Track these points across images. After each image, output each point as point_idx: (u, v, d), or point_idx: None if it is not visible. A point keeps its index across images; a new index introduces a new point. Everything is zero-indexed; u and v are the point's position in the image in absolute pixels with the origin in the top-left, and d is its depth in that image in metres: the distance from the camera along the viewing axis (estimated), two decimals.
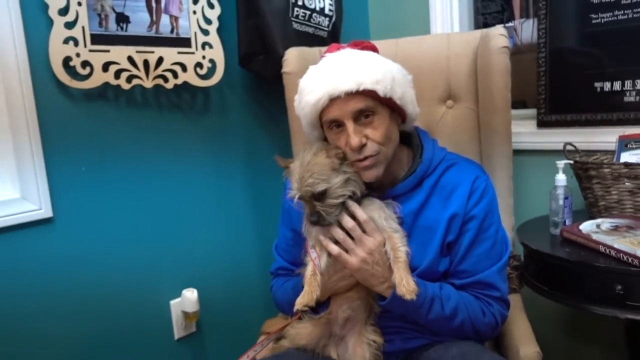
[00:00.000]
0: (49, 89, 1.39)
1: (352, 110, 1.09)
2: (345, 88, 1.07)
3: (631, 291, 1.24)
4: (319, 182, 1.06)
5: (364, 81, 1.07)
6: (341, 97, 1.08)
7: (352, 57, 1.13)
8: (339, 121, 1.11)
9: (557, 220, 1.52)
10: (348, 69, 1.09)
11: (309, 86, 1.13)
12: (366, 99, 1.10)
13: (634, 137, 1.58)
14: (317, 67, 1.15)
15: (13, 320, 1.36)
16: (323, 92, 1.09)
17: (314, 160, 1.08)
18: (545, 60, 1.88)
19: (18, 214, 1.35)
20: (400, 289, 1.07)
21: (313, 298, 1.10)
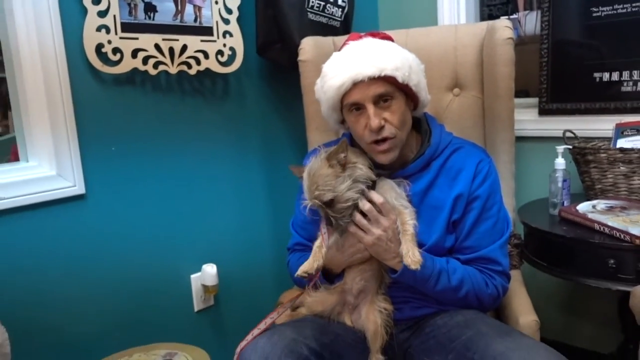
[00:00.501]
0: (83, 73, 1.49)
1: (374, 94, 1.19)
2: (368, 73, 1.16)
3: (623, 265, 1.35)
4: (324, 192, 1.15)
5: (385, 67, 1.17)
6: (364, 82, 1.17)
7: (374, 45, 1.22)
8: (360, 104, 1.21)
9: (555, 202, 1.63)
10: (371, 56, 1.18)
11: (332, 71, 1.22)
12: (386, 84, 1.19)
13: (630, 124, 1.68)
14: (340, 54, 1.24)
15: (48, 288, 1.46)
16: (347, 77, 1.18)
17: (318, 171, 1.17)
18: (547, 51, 1.97)
19: (54, 190, 1.45)
20: (406, 260, 1.15)
21: (314, 267, 1.19)
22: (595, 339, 1.97)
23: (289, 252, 1.51)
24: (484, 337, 1.17)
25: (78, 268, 1.52)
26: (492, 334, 1.17)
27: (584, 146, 1.68)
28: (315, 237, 1.28)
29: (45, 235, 1.45)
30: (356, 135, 1.26)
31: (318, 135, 1.78)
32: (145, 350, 1.51)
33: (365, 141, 1.23)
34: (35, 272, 1.44)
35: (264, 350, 1.11)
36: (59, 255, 1.48)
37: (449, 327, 1.26)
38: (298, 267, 1.40)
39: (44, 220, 1.45)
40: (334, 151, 1.17)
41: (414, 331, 1.33)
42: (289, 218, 1.56)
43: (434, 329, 1.29)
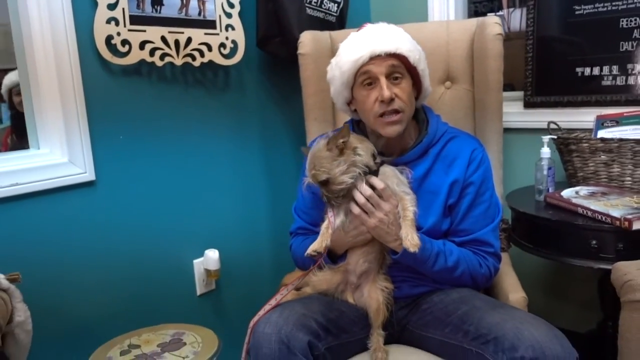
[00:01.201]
0: (93, 64, 1.54)
1: (387, 67, 1.29)
2: (385, 49, 1.27)
3: (604, 245, 1.46)
4: (320, 173, 1.24)
5: (400, 47, 1.29)
6: (380, 56, 1.28)
7: (391, 28, 1.34)
8: (374, 77, 1.30)
9: (541, 188, 1.73)
10: (388, 35, 1.31)
11: (350, 47, 1.32)
12: (399, 62, 1.30)
13: (609, 116, 1.79)
14: (358, 34, 1.35)
15: (60, 272, 1.52)
16: (366, 50, 1.28)
17: (318, 153, 1.26)
18: (532, 46, 2.08)
19: (66, 176, 1.51)
20: (406, 243, 1.24)
21: (322, 246, 1.27)
22: (576, 318, 2.09)
23: (292, 236, 1.58)
24: (478, 310, 1.26)
25: (88, 252, 1.58)
26: (486, 307, 1.27)
27: (567, 136, 1.78)
28: (319, 221, 1.36)
29: (56, 221, 1.51)
30: (365, 110, 1.34)
31: (316, 126, 1.86)
32: (154, 330, 1.58)
33: (374, 114, 1.32)
34: (47, 257, 1.49)
35: (277, 323, 1.19)
36: (71, 240, 1.54)
37: (445, 303, 1.35)
38: (302, 249, 1.47)
39: (55, 206, 1.50)
40: (335, 136, 1.25)
41: (412, 308, 1.42)
42: (287, 205, 1.63)
43: (430, 305, 1.38)
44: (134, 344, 1.50)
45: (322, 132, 1.76)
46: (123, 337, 1.54)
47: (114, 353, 1.45)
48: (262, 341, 1.17)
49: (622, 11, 1.87)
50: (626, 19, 1.86)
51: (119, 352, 1.45)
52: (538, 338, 1.11)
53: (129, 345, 1.49)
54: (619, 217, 1.41)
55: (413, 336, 1.40)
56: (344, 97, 1.40)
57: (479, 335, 1.20)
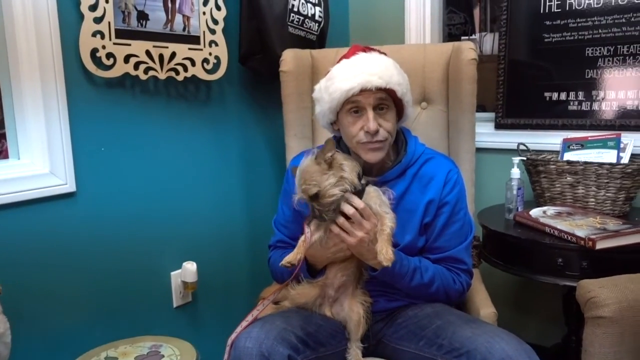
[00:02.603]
0: (78, 76, 1.55)
1: (376, 99, 1.34)
2: (376, 84, 1.32)
3: (569, 263, 1.54)
4: (310, 187, 1.26)
5: (390, 81, 1.34)
6: (370, 90, 1.32)
7: (382, 60, 1.39)
8: (361, 107, 1.35)
9: (511, 207, 1.81)
10: (380, 69, 1.35)
11: (342, 75, 1.36)
12: (387, 95, 1.35)
13: (575, 140, 1.89)
14: (350, 62, 1.38)
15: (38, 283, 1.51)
16: (357, 83, 1.32)
17: (307, 168, 1.29)
18: (504, 70, 2.17)
19: (47, 187, 1.50)
20: (380, 257, 1.26)
21: (297, 258, 1.31)
22: (542, 333, 2.17)
23: (270, 249, 1.61)
24: (452, 325, 1.32)
25: (67, 264, 1.57)
26: (459, 322, 1.32)
27: (535, 158, 1.87)
28: (299, 234, 1.39)
29: (36, 232, 1.50)
30: (349, 136, 1.39)
31: (296, 142, 1.90)
32: (131, 342, 1.58)
33: (357, 141, 1.37)
34: (25, 268, 1.48)
35: (259, 337, 1.21)
36: (50, 251, 1.53)
37: (420, 317, 1.40)
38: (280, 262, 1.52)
39: (35, 217, 1.49)
40: (322, 150, 1.29)
41: (387, 322, 1.46)
42: (266, 219, 1.66)
43: (405, 319, 1.43)
44: (111, 356, 1.50)
45: (302, 148, 1.81)
46: (100, 349, 1.54)
47: None
48: (243, 355, 1.19)
49: (587, 41, 1.98)
50: (591, 48, 1.97)
51: None
52: (508, 352, 1.16)
53: (105, 358, 1.49)
54: (584, 236, 1.49)
55: (388, 349, 1.44)
56: (329, 119, 1.44)
57: (452, 348, 1.25)
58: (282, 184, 1.59)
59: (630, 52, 1.91)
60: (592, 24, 1.97)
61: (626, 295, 1.31)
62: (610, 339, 1.30)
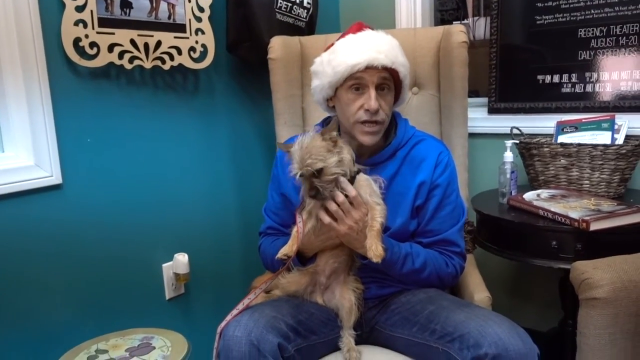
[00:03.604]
0: (61, 66, 1.52)
1: (380, 77, 1.32)
2: (383, 62, 1.30)
3: (563, 245, 1.52)
4: (316, 162, 1.23)
5: (396, 61, 1.33)
6: (376, 67, 1.30)
7: (388, 39, 1.37)
8: (364, 85, 1.32)
9: (504, 191, 1.79)
10: (387, 47, 1.33)
11: (348, 50, 1.33)
12: (390, 75, 1.34)
13: (569, 122, 1.87)
14: (357, 37, 1.36)
15: (25, 276, 1.49)
16: (364, 59, 1.29)
17: (312, 143, 1.25)
18: (496, 54, 2.15)
19: (32, 179, 1.48)
20: (369, 254, 1.26)
21: (293, 250, 1.29)
22: (538, 318, 2.16)
23: (261, 236, 1.60)
24: (444, 310, 1.30)
25: (55, 257, 1.55)
26: (452, 307, 1.30)
27: (529, 141, 1.85)
28: (289, 222, 1.39)
29: (22, 225, 1.48)
30: (347, 113, 1.36)
31: (286, 130, 1.88)
32: (122, 335, 1.56)
33: (356, 119, 1.34)
34: (11, 261, 1.46)
35: (247, 325, 1.20)
36: (36, 244, 1.51)
37: (413, 303, 1.39)
38: (271, 250, 1.49)
39: (20, 210, 1.47)
40: (328, 129, 1.27)
41: (380, 309, 1.45)
42: (257, 209, 1.64)
43: (398, 305, 1.41)
44: (101, 349, 1.48)
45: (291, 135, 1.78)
46: (90, 342, 1.52)
47: (81, 358, 1.43)
48: (232, 344, 1.18)
49: (580, 22, 1.95)
50: (584, 30, 1.95)
51: (86, 358, 1.43)
52: (501, 335, 1.15)
53: (96, 351, 1.47)
54: (578, 218, 1.47)
55: (381, 336, 1.42)
56: (326, 94, 1.41)
57: (444, 333, 1.24)
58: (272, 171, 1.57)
59: (624, 32, 1.88)
60: (585, 5, 1.94)
61: (620, 276, 1.29)
62: (605, 320, 1.28)
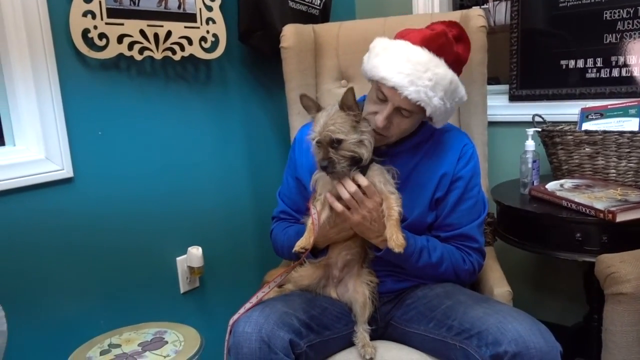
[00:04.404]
0: (70, 58, 1.50)
1: (400, 104, 1.24)
2: (412, 97, 1.21)
3: (588, 238, 1.46)
4: (339, 132, 1.20)
5: (427, 102, 1.22)
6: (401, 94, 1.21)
7: (441, 73, 1.23)
8: (385, 99, 1.25)
9: (526, 181, 1.72)
10: (427, 83, 1.21)
11: (386, 57, 1.24)
12: (415, 108, 1.25)
13: (594, 109, 1.79)
14: (403, 49, 1.24)
15: (38, 270, 1.48)
16: (393, 81, 1.21)
17: (339, 114, 1.22)
18: (517, 39, 2.07)
19: (43, 173, 1.47)
20: (390, 243, 1.22)
21: (310, 243, 1.24)
22: (562, 312, 2.09)
23: (274, 220, 1.58)
24: (462, 305, 1.25)
25: (67, 251, 1.54)
26: (470, 302, 1.26)
27: (551, 129, 1.78)
28: (302, 208, 1.38)
29: (34, 218, 1.47)
30: (366, 108, 1.31)
31: (299, 121, 1.84)
32: (135, 329, 1.55)
33: (368, 119, 1.29)
34: (24, 255, 1.45)
35: (258, 321, 1.17)
36: (48, 238, 1.50)
37: (429, 298, 1.34)
38: (283, 237, 1.48)
39: (32, 204, 1.46)
40: (343, 99, 1.22)
41: (396, 303, 1.41)
42: (272, 201, 1.62)
43: (414, 300, 1.37)
44: (114, 343, 1.47)
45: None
46: (103, 337, 1.51)
47: (94, 353, 1.42)
48: (242, 341, 1.15)
49: (605, 3, 1.87)
50: (609, 11, 1.86)
51: (99, 352, 1.42)
52: (521, 332, 1.10)
53: (109, 345, 1.46)
54: (603, 209, 1.40)
55: (397, 331, 1.39)
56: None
57: (462, 330, 1.20)
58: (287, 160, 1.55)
59: None
60: None
61: None
62: (632, 317, 1.23)
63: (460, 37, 1.30)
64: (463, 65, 1.32)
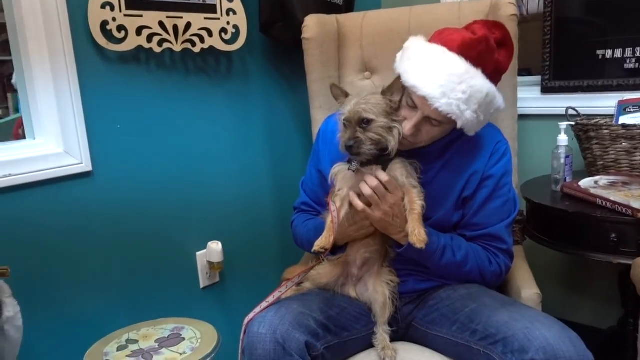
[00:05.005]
0: (88, 51, 1.49)
1: (430, 114, 1.17)
2: (443, 109, 1.14)
3: (624, 238, 1.38)
4: (370, 112, 1.16)
5: (460, 117, 1.15)
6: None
7: (473, 83, 1.15)
8: (415, 107, 1.18)
9: (558, 178, 1.64)
10: (457, 96, 1.13)
11: (418, 63, 1.17)
12: (445, 119, 1.18)
13: (632, 101, 1.69)
14: (437, 57, 1.16)
15: (57, 264, 1.48)
16: (424, 91, 1.14)
17: (375, 96, 1.19)
18: (550, 28, 1.98)
19: (62, 167, 1.46)
20: (412, 238, 1.17)
21: (330, 242, 1.20)
22: (596, 314, 2.00)
23: (295, 211, 1.55)
24: (487, 308, 1.19)
25: (86, 244, 1.54)
26: (496, 305, 1.20)
27: (586, 123, 1.69)
28: (323, 202, 1.34)
29: (53, 212, 1.46)
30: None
31: (321, 114, 1.79)
32: (153, 324, 1.54)
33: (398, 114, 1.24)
34: (44, 249, 1.45)
35: (272, 323, 1.13)
36: (68, 232, 1.49)
37: (453, 299, 1.29)
38: (302, 231, 1.46)
39: (51, 197, 1.46)
40: (389, 86, 1.19)
41: (418, 304, 1.36)
42: (293, 195, 1.58)
43: (437, 301, 1.31)
44: (132, 338, 1.46)
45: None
46: (122, 332, 1.50)
47: (111, 348, 1.41)
48: (257, 342, 1.12)
49: None
50: None
51: (116, 347, 1.41)
52: (550, 340, 1.04)
53: (127, 340, 1.45)
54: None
55: (418, 333, 1.34)
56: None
57: (487, 335, 1.14)
58: (309, 156, 1.52)
59: None
60: None
61: None
62: None
63: (503, 42, 1.21)
64: (503, 74, 1.24)
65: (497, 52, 1.19)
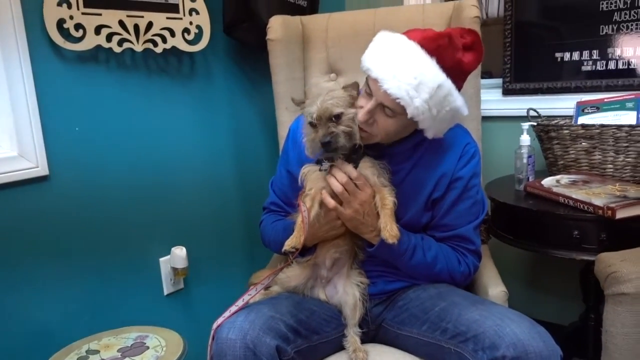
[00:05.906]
0: (44, 50, 1.42)
1: (383, 100, 1.16)
2: (392, 92, 1.13)
3: (586, 235, 1.41)
4: (337, 106, 1.17)
5: (410, 104, 1.13)
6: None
7: (432, 74, 1.14)
8: (372, 94, 1.18)
9: (521, 177, 1.67)
10: (408, 80, 1.12)
11: (376, 50, 1.20)
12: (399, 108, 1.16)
13: (590, 102, 1.74)
14: (393, 45, 1.18)
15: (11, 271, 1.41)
16: (380, 74, 1.14)
17: (337, 92, 1.20)
18: (510, 32, 2.02)
19: (16, 171, 1.39)
20: (384, 234, 1.17)
21: (300, 241, 1.19)
22: (558, 311, 2.04)
23: (264, 211, 1.53)
24: (457, 306, 1.20)
25: (42, 252, 1.47)
26: (466, 303, 1.20)
27: (547, 123, 1.73)
28: (292, 202, 1.33)
29: (7, 219, 1.39)
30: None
31: (287, 116, 1.78)
32: (115, 334, 1.48)
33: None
34: None
35: (242, 327, 1.10)
36: (22, 239, 1.42)
37: (422, 299, 1.29)
38: (271, 231, 1.44)
39: (5, 203, 1.39)
40: (350, 85, 1.22)
41: (388, 305, 1.35)
42: (259, 198, 1.57)
43: (407, 302, 1.31)
44: (92, 349, 1.40)
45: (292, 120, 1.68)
46: (82, 342, 1.44)
47: (71, 359, 1.35)
48: (226, 348, 1.09)
49: None
50: (606, 2, 1.81)
51: (76, 358, 1.35)
52: (520, 336, 1.04)
53: (87, 351, 1.39)
54: (602, 205, 1.35)
55: (389, 334, 1.33)
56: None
57: (457, 333, 1.14)
58: (275, 158, 1.49)
59: None
60: None
61: None
62: (634, 318, 1.18)
63: (472, 47, 1.20)
64: (466, 75, 1.23)
65: (461, 52, 1.19)
